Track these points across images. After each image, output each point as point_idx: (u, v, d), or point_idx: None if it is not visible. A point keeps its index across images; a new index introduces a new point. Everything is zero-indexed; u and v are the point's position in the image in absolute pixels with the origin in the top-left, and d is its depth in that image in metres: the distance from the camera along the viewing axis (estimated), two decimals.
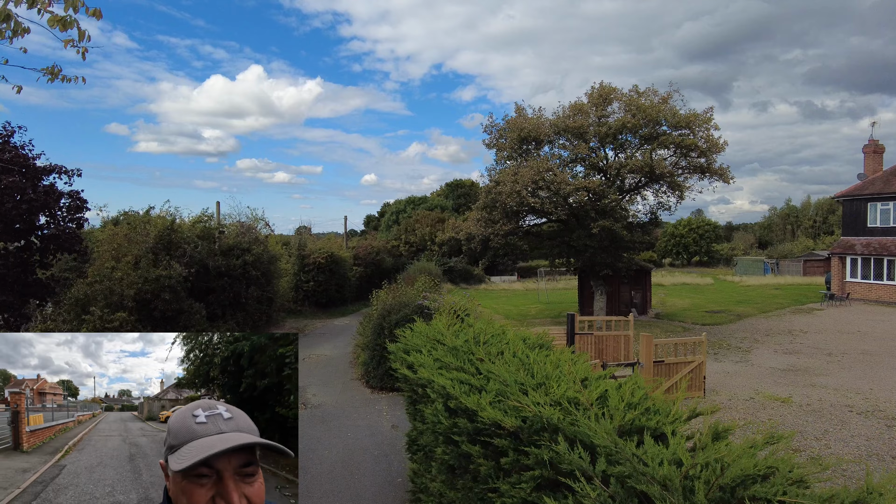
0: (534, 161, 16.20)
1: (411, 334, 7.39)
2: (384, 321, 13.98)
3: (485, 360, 5.26)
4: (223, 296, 19.06)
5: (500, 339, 6.51)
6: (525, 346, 6.24)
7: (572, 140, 17.07)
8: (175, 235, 17.27)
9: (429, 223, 44.29)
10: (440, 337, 6.71)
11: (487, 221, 17.62)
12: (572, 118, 16.71)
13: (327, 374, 15.67)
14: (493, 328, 7.29)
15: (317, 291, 30.70)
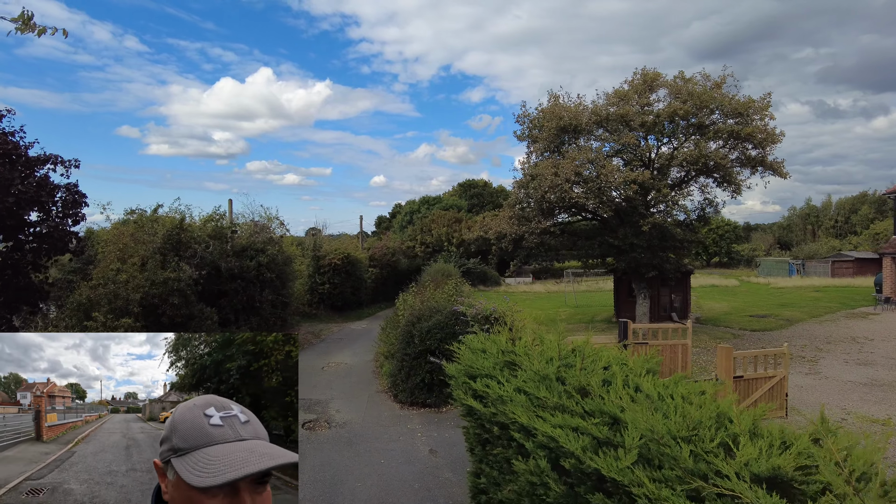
0: (575, 152, 14.81)
1: (473, 354, 6.00)
2: (414, 329, 12.63)
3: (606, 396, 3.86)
4: (236, 299, 17.81)
5: (593, 362, 5.12)
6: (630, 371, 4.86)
7: (616, 129, 15.66)
8: (185, 235, 16.03)
9: (445, 223, 42.92)
10: (516, 358, 5.33)
11: (521, 219, 16.23)
12: (617, 105, 15.28)
13: (350, 385, 14.35)
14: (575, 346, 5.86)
15: (332, 294, 29.44)
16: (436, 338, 12.05)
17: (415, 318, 12.90)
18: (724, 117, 14.87)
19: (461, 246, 40.77)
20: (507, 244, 16.99)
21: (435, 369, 12.01)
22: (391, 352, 15.35)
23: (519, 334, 8.29)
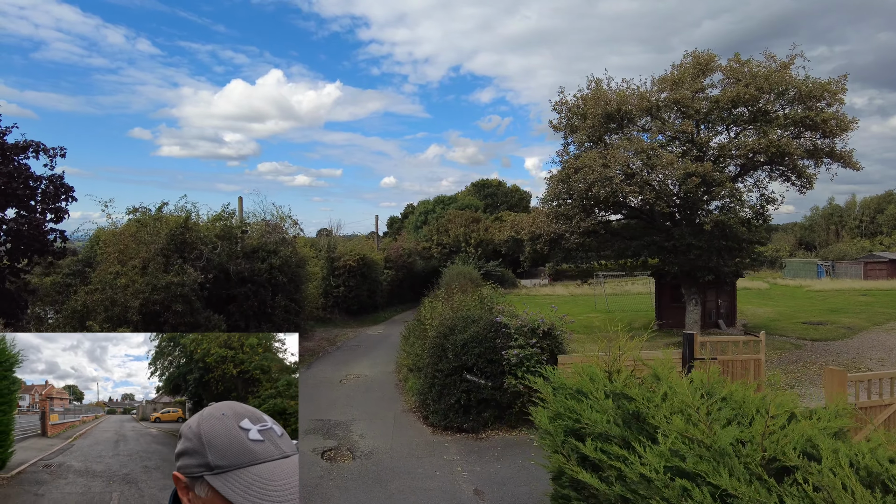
0: (623, 142, 13.17)
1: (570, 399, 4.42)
2: (446, 341, 11.09)
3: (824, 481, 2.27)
4: (246, 305, 16.38)
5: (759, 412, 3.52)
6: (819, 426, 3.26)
7: (669, 117, 14.04)
8: (190, 235, 14.60)
9: (462, 223, 41.37)
10: (640, 407, 3.74)
11: (559, 217, 14.63)
12: (670, 90, 13.62)
13: (372, 402, 12.83)
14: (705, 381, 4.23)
15: (347, 297, 27.99)
16: (473, 353, 10.50)
17: (446, 330, 11.36)
18: (792, 102, 13.16)
19: (479, 246, 39.21)
20: (543, 245, 15.40)
21: (472, 389, 10.47)
22: (417, 365, 13.81)
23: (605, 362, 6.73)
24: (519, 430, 10.32)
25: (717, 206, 14.01)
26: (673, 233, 13.94)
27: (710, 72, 14.25)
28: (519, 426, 10.38)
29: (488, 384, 10.31)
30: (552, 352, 10.31)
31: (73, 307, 12.92)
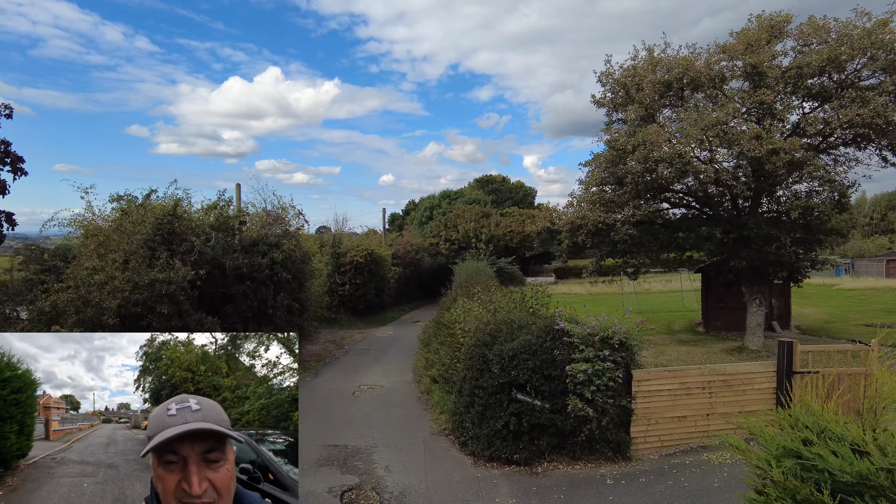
0: (691, 113, 11.10)
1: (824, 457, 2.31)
2: (489, 352, 9.07)
3: None
4: (244, 305, 14.34)
5: None
6: None
7: (741, 85, 12.01)
8: (179, 224, 12.55)
9: (473, 218, 39.30)
10: None
11: (608, 204, 12.61)
12: (744, 54, 11.54)
13: (394, 421, 10.82)
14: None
15: (354, 296, 25.90)
16: (525, 367, 8.49)
17: (488, 337, 9.34)
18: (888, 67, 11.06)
19: (490, 242, 37.18)
20: (585, 237, 13.37)
21: (524, 411, 8.46)
22: (446, 376, 11.80)
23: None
24: (585, 463, 8.32)
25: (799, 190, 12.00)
26: (746, 222, 11.92)
27: (782, 36, 12.23)
28: (584, 458, 8.38)
29: (545, 406, 8.31)
30: (626, 366, 8.32)
31: (41, 308, 10.89)
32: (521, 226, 39.46)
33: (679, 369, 8.70)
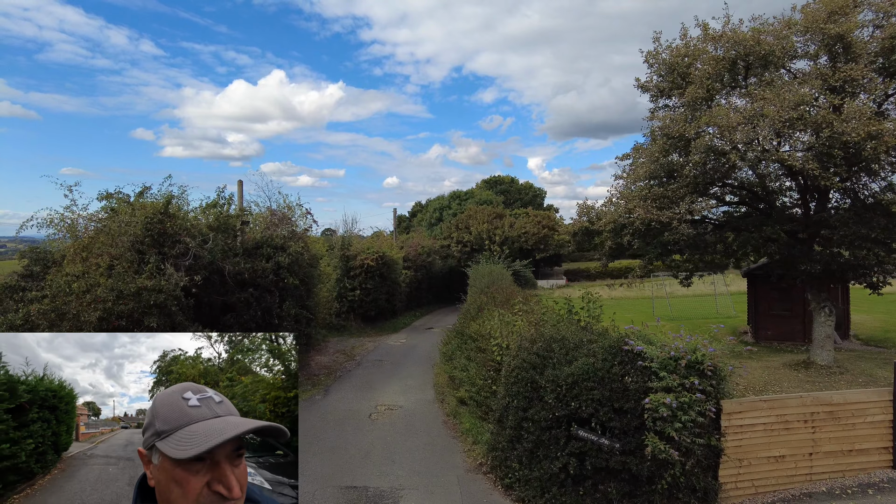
0: (765, 90, 9.50)
1: None
2: (539, 376, 7.50)
3: None
4: (247, 315, 12.83)
5: None
6: None
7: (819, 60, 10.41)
8: (172, 224, 11.03)
9: (486, 219, 37.70)
10: None
11: (663, 199, 11.01)
12: (828, 22, 9.96)
13: (420, 453, 9.25)
14: None
15: (364, 302, 24.31)
16: (590, 397, 6.92)
17: (536, 358, 7.76)
18: None
19: (504, 244, 35.57)
20: (631, 236, 11.78)
21: (589, 451, 6.89)
22: (477, 399, 10.24)
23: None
24: None
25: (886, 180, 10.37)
26: (826, 220, 10.28)
27: (860, 7, 10.63)
28: None
29: (615, 445, 6.74)
30: (716, 397, 6.73)
31: (12, 322, 9.38)
32: (537, 227, 37.90)
33: (775, 398, 7.11)
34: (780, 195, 12.49)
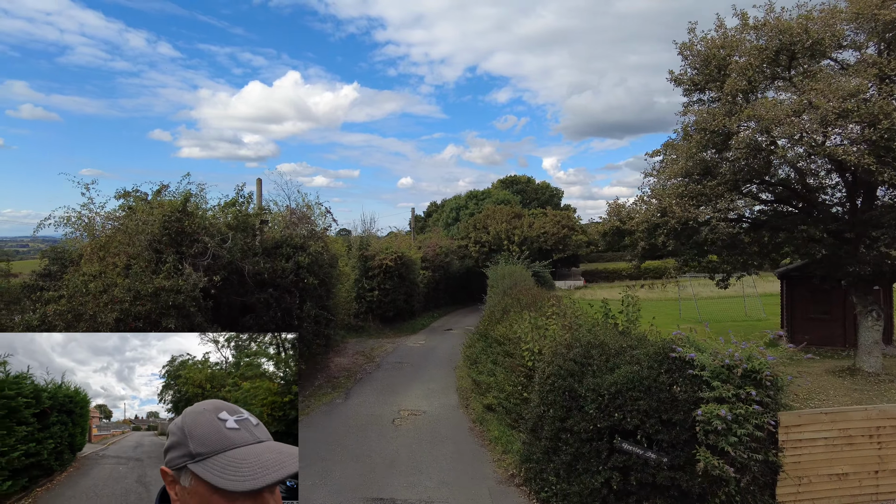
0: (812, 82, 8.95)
1: None
2: (578, 385, 7.03)
3: None
4: (266, 316, 12.51)
5: None
6: None
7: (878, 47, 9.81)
8: (190, 222, 10.73)
9: (504, 219, 37.21)
10: None
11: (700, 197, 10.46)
12: (882, 8, 9.37)
13: (447, 462, 8.81)
14: None
15: (383, 302, 23.95)
16: (635, 408, 6.44)
17: (573, 365, 7.29)
18: None
19: (523, 244, 35.02)
20: (666, 236, 11.24)
21: (634, 465, 6.41)
22: (506, 406, 9.78)
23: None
24: None
25: None
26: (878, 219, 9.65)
27: None
28: None
29: (662, 459, 6.25)
30: (773, 409, 6.21)
31: (29, 322, 9.12)
32: (556, 227, 37.30)
33: (837, 411, 6.57)
34: (820, 192, 11.88)
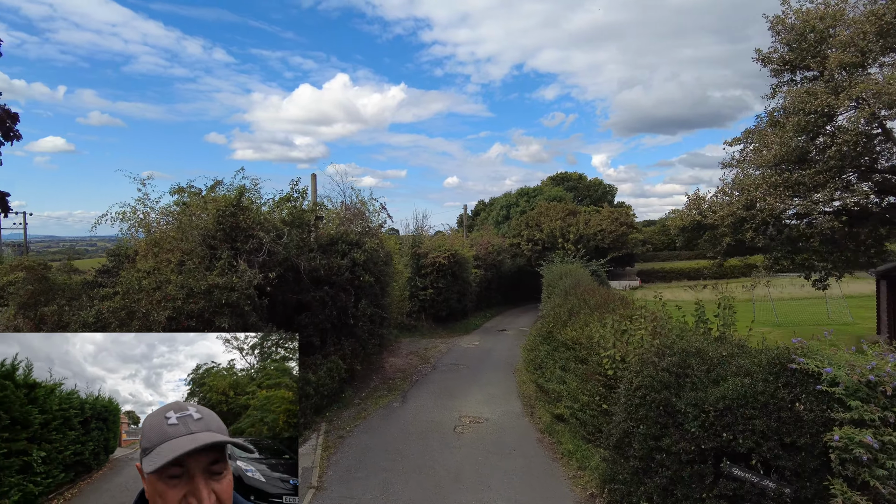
0: None
1: None
2: (677, 399, 6.12)
3: None
4: (322, 315, 12.04)
5: None
6: None
7: None
8: (245, 217, 10.32)
9: (559, 216, 36.02)
10: None
11: (797, 186, 9.33)
12: None
13: (516, 478, 8.04)
14: None
15: (436, 301, 23.35)
16: (748, 427, 5.49)
17: (668, 377, 6.38)
18: None
19: (579, 242, 33.77)
20: (754, 231, 10.11)
21: (748, 494, 5.48)
22: (581, 417, 8.91)
23: None
24: None
25: None
26: None
27: None
28: None
29: (784, 490, 5.30)
30: None
31: (85, 319, 8.87)
32: (614, 224, 35.84)
33: None
34: None
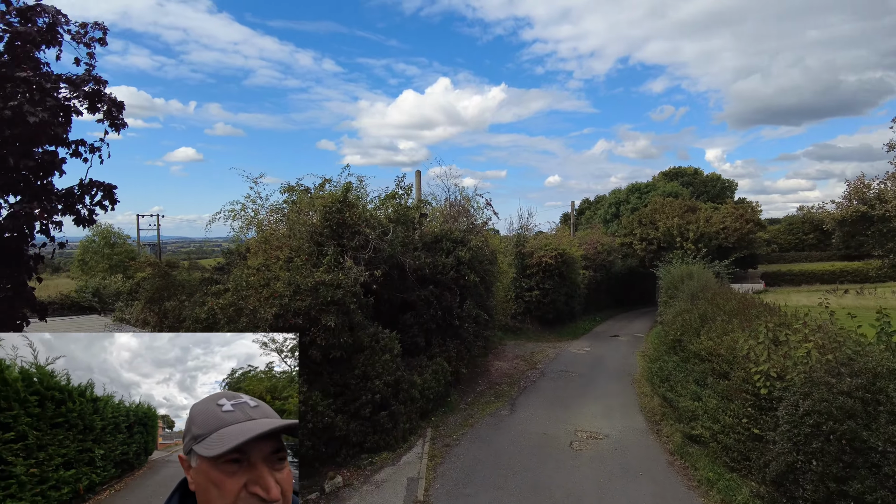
0: None
1: None
2: (868, 433, 4.82)
3: None
4: (427, 315, 11.55)
5: None
6: None
7: None
8: (350, 214, 10.02)
9: (676, 213, 33.41)
10: None
11: None
12: None
13: (644, 503, 6.98)
14: None
15: (542, 303, 22.25)
16: None
17: (855, 404, 5.06)
18: None
19: (700, 241, 31.06)
20: None
21: None
22: (724, 441, 7.62)
23: None
24: None
25: None
26: None
27: None
28: None
29: None
30: None
31: (197, 316, 8.93)
32: (738, 221, 32.70)
33: None
34: None
